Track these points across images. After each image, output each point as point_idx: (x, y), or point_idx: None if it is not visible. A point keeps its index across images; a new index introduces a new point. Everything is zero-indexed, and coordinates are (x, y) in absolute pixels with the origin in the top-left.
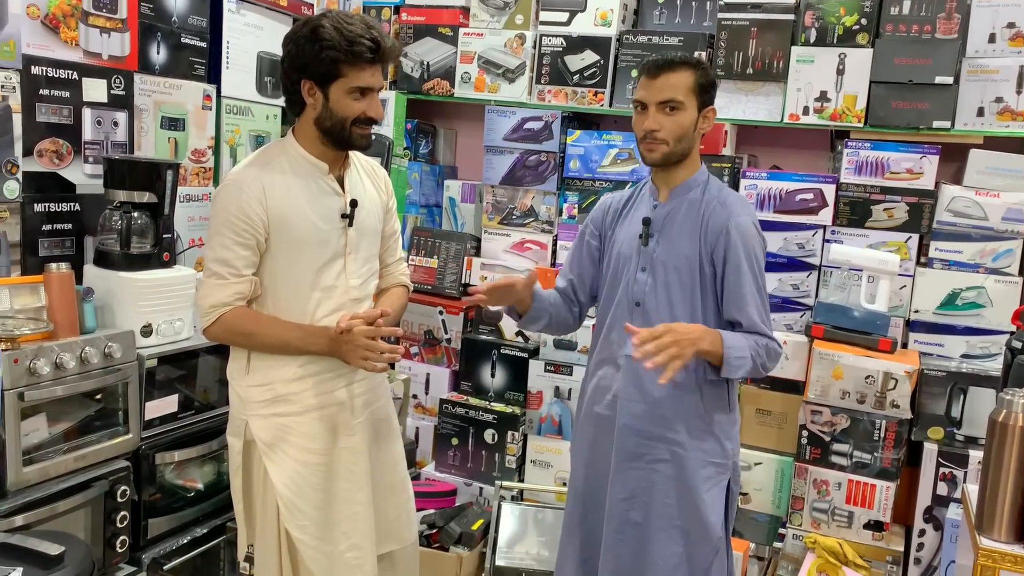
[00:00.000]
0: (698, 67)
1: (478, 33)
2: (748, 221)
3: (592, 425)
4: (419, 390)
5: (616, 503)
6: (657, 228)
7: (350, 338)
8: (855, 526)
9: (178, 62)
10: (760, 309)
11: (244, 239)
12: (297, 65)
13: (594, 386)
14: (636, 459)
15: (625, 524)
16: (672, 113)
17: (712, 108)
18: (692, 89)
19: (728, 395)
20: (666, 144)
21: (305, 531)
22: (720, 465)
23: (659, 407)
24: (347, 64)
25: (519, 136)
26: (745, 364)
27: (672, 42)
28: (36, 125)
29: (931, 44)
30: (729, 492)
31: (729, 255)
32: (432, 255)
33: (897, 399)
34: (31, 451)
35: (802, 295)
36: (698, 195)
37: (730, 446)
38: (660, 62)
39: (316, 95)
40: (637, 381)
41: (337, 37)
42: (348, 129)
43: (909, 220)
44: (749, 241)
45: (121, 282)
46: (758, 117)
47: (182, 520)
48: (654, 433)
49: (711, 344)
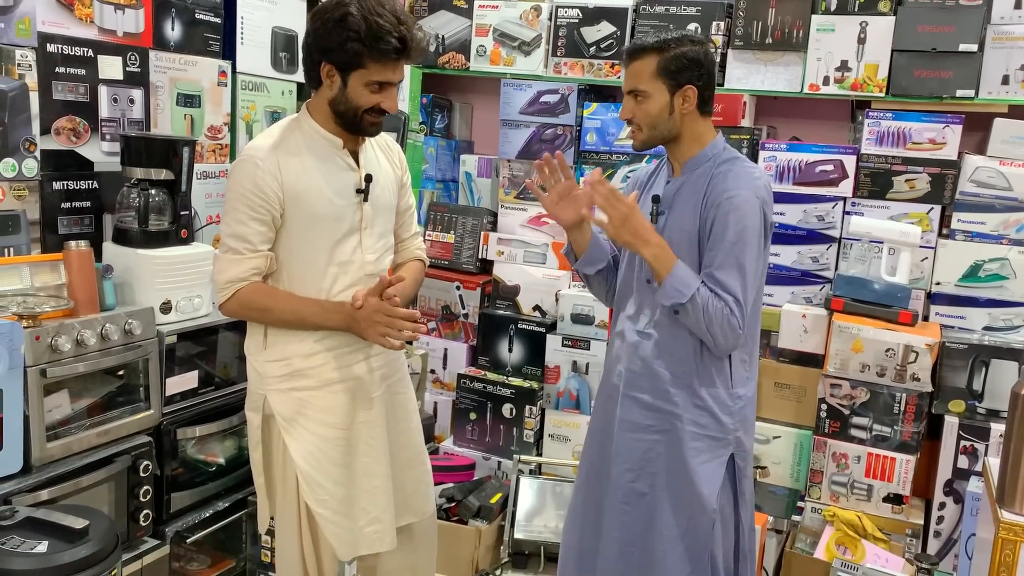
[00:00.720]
0: (664, 50)
1: (493, 5)
2: (747, 195)
3: (605, 395)
4: (437, 365)
5: (621, 472)
6: (667, 205)
7: (368, 314)
8: (874, 499)
9: (193, 38)
10: (720, 282)
11: (259, 214)
12: (320, 47)
13: (609, 357)
14: (639, 430)
15: (631, 495)
16: (640, 101)
17: (690, 87)
18: (655, 74)
19: (730, 371)
20: (640, 131)
21: (325, 505)
22: (716, 439)
23: (660, 381)
24: (371, 59)
25: (535, 110)
26: (681, 298)
27: (690, 12)
28: (53, 103)
29: (955, 11)
30: (735, 468)
31: (715, 226)
32: (449, 230)
33: (918, 372)
34: (54, 427)
35: (822, 268)
36: (707, 170)
37: (730, 421)
38: (628, 50)
39: (335, 78)
40: (642, 354)
41: (364, 29)
42: (360, 116)
43: (931, 191)
44: (738, 214)
45: (140, 259)
46: (778, 87)
47: (204, 494)
48: (655, 405)
49: (657, 260)
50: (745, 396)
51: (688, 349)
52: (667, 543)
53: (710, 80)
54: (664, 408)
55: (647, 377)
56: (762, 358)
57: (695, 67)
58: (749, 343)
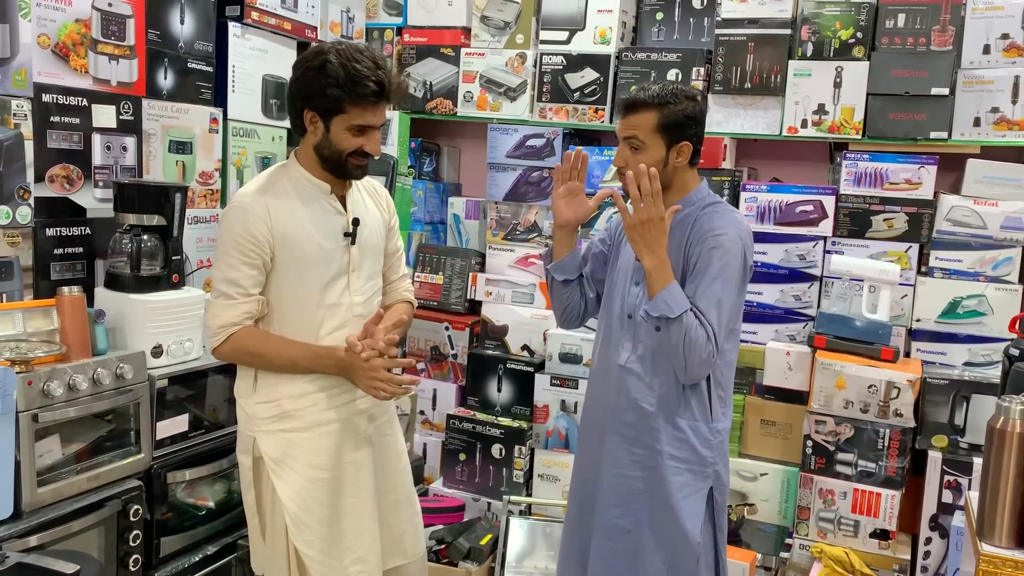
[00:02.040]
0: (664, 106)
1: (479, 53)
2: (732, 235)
3: (589, 431)
4: (426, 406)
5: (606, 508)
6: None
7: (366, 366)
8: (861, 535)
9: (185, 87)
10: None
11: (251, 259)
12: (302, 94)
13: (590, 393)
14: (624, 467)
15: (615, 531)
16: (635, 152)
17: (685, 144)
18: (655, 129)
19: (710, 405)
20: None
21: (312, 546)
22: (697, 473)
23: (644, 415)
24: (350, 103)
25: (521, 153)
26: (670, 313)
27: (670, 58)
28: (47, 151)
29: (926, 56)
30: (713, 501)
31: (699, 262)
32: (437, 271)
33: (900, 408)
34: (45, 472)
35: (804, 306)
36: (692, 212)
37: (709, 455)
38: (628, 101)
39: (318, 124)
40: (627, 390)
41: (343, 75)
42: (344, 160)
43: (909, 230)
44: (721, 251)
45: (132, 304)
46: (757, 131)
47: (194, 538)
48: (641, 441)
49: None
50: (723, 430)
51: (670, 383)
52: None
53: (702, 134)
54: (648, 443)
55: (633, 412)
56: (747, 395)
57: (692, 124)
58: (725, 379)
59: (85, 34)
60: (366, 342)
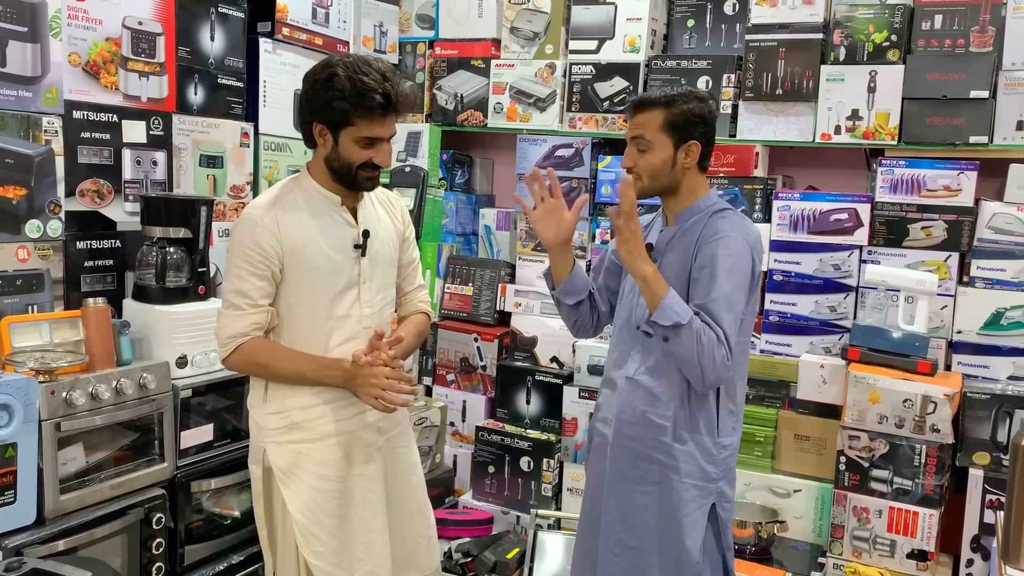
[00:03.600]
0: (672, 105)
1: (509, 64)
2: (737, 237)
3: (595, 445)
4: (456, 417)
5: (610, 523)
6: (660, 253)
7: (366, 376)
8: (898, 555)
9: (215, 102)
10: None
11: (259, 270)
12: (311, 108)
13: (598, 404)
14: (628, 481)
15: (619, 546)
16: (643, 152)
17: (693, 143)
18: (662, 127)
19: (717, 419)
20: (640, 180)
21: (320, 557)
22: (702, 488)
23: (650, 428)
24: (357, 115)
25: (550, 163)
26: (679, 319)
27: (700, 65)
28: (78, 166)
29: (965, 58)
30: (716, 517)
31: (706, 265)
32: (467, 283)
33: (937, 423)
34: (68, 479)
35: (840, 317)
36: (700, 219)
37: (713, 470)
38: (635, 101)
39: (327, 137)
40: (632, 403)
41: (349, 88)
42: (354, 172)
43: (948, 238)
44: (726, 252)
45: (157, 315)
46: (789, 138)
47: (219, 547)
48: (645, 454)
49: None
50: (730, 446)
51: (677, 396)
52: None
53: (712, 136)
54: (653, 456)
55: (639, 426)
56: (780, 409)
57: (701, 124)
58: (737, 392)
59: (115, 52)
60: (372, 356)
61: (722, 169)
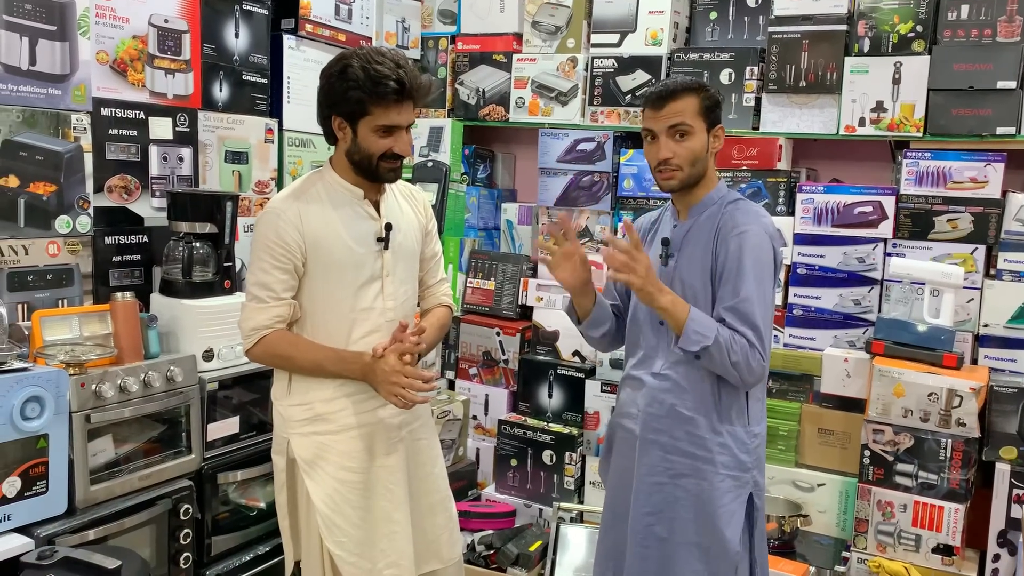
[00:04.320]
0: (701, 91)
1: (531, 58)
2: (757, 229)
3: (619, 438)
4: (479, 411)
5: (640, 517)
6: (676, 248)
7: (385, 373)
8: (923, 550)
9: (240, 98)
10: (741, 313)
11: (282, 263)
12: (328, 101)
13: (621, 400)
14: (659, 474)
15: (649, 539)
16: (683, 139)
17: (720, 127)
18: (698, 112)
19: (747, 408)
20: (681, 170)
21: (343, 547)
22: (738, 479)
23: (681, 422)
24: (373, 104)
25: (572, 157)
26: (705, 342)
27: (723, 58)
28: (106, 163)
29: (992, 48)
30: (752, 506)
31: (728, 260)
32: (489, 277)
33: (963, 417)
34: (98, 470)
35: (864, 311)
36: (715, 211)
37: (748, 459)
38: (663, 92)
39: (345, 130)
40: (662, 397)
41: (363, 77)
42: (375, 164)
43: (975, 231)
44: (749, 246)
45: (184, 309)
46: (813, 130)
47: (246, 538)
48: (676, 448)
49: (675, 305)
50: (760, 434)
51: (706, 388)
52: None
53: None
54: (686, 450)
55: (668, 419)
56: (804, 403)
57: (720, 109)
58: (763, 380)
59: (142, 50)
60: (393, 346)
61: (745, 162)
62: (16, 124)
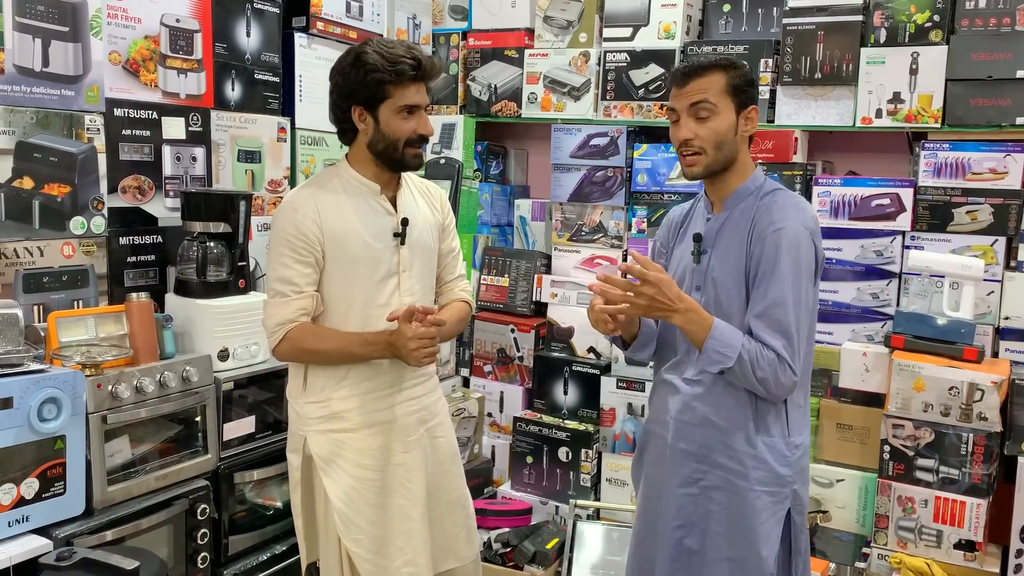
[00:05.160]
0: (730, 68)
1: (543, 54)
2: (795, 226)
3: (651, 444)
4: (494, 408)
5: (671, 530)
6: (709, 243)
7: (405, 336)
8: (944, 546)
9: (252, 97)
10: (774, 321)
11: (303, 256)
12: (345, 93)
13: (654, 405)
14: (691, 484)
15: (680, 551)
16: (705, 118)
17: (754, 107)
18: (725, 90)
19: (786, 418)
20: (704, 154)
21: (360, 544)
22: (776, 494)
23: (714, 431)
24: (392, 84)
25: (585, 153)
26: (726, 362)
27: (737, 51)
28: (120, 163)
29: (1011, 37)
30: (791, 523)
31: (763, 261)
32: (503, 274)
33: (985, 411)
34: (115, 471)
35: (882, 304)
36: (751, 203)
37: (788, 473)
38: (687, 68)
39: (367, 119)
40: (694, 405)
41: (380, 60)
42: (401, 150)
43: (995, 223)
44: (787, 246)
45: (199, 309)
46: (829, 122)
47: (263, 537)
48: (709, 459)
49: (691, 323)
50: (802, 445)
51: (742, 397)
52: None
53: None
54: (718, 461)
55: (700, 428)
56: (823, 399)
57: (755, 88)
58: (804, 386)
59: (154, 50)
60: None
61: (761, 155)
62: (30, 126)
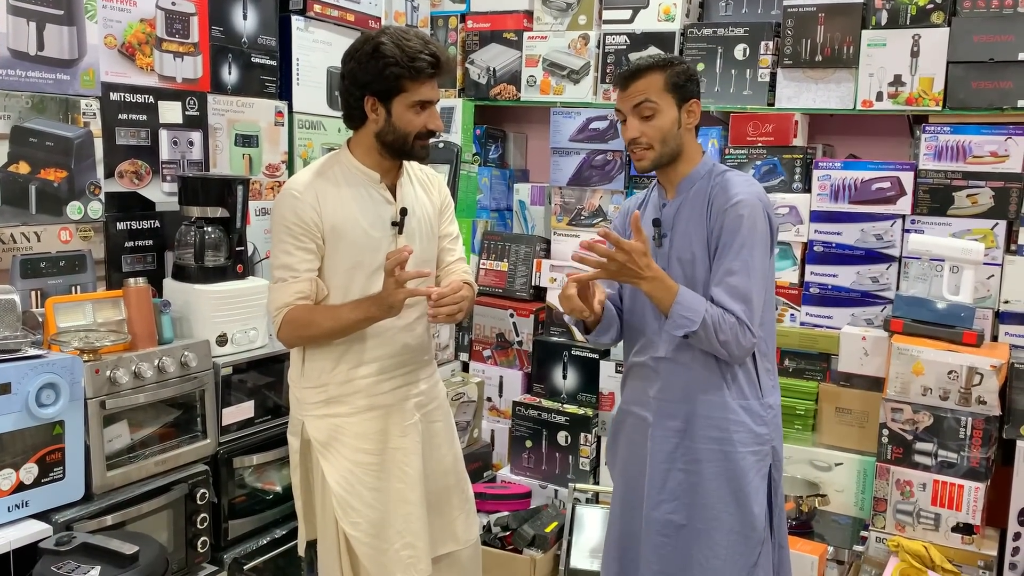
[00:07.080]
0: (667, 67)
1: (542, 36)
2: (749, 199)
3: (628, 425)
4: (493, 393)
5: (656, 505)
6: (668, 227)
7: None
8: (943, 529)
9: (249, 81)
10: (733, 288)
11: (303, 243)
12: (360, 82)
13: (629, 388)
14: (675, 460)
15: (668, 527)
16: (650, 117)
17: (695, 100)
18: (664, 88)
19: (758, 382)
20: (652, 149)
21: (358, 528)
22: (758, 452)
23: (696, 404)
24: (409, 80)
25: (585, 136)
26: (691, 326)
27: (737, 33)
28: (116, 148)
29: (1013, 19)
30: (771, 480)
31: (723, 233)
32: (502, 258)
33: (983, 395)
34: (114, 456)
35: (882, 288)
36: (704, 184)
37: (765, 431)
38: (627, 72)
39: (379, 110)
40: (671, 380)
41: (399, 54)
42: (411, 143)
43: (995, 206)
44: (744, 216)
45: (197, 294)
46: (829, 105)
47: (262, 521)
48: (692, 431)
49: (657, 290)
50: (775, 405)
51: (714, 367)
52: (712, 571)
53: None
54: (701, 431)
55: (681, 403)
56: (822, 382)
57: (694, 82)
58: (769, 350)
59: (150, 33)
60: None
61: (761, 139)
62: (25, 110)
